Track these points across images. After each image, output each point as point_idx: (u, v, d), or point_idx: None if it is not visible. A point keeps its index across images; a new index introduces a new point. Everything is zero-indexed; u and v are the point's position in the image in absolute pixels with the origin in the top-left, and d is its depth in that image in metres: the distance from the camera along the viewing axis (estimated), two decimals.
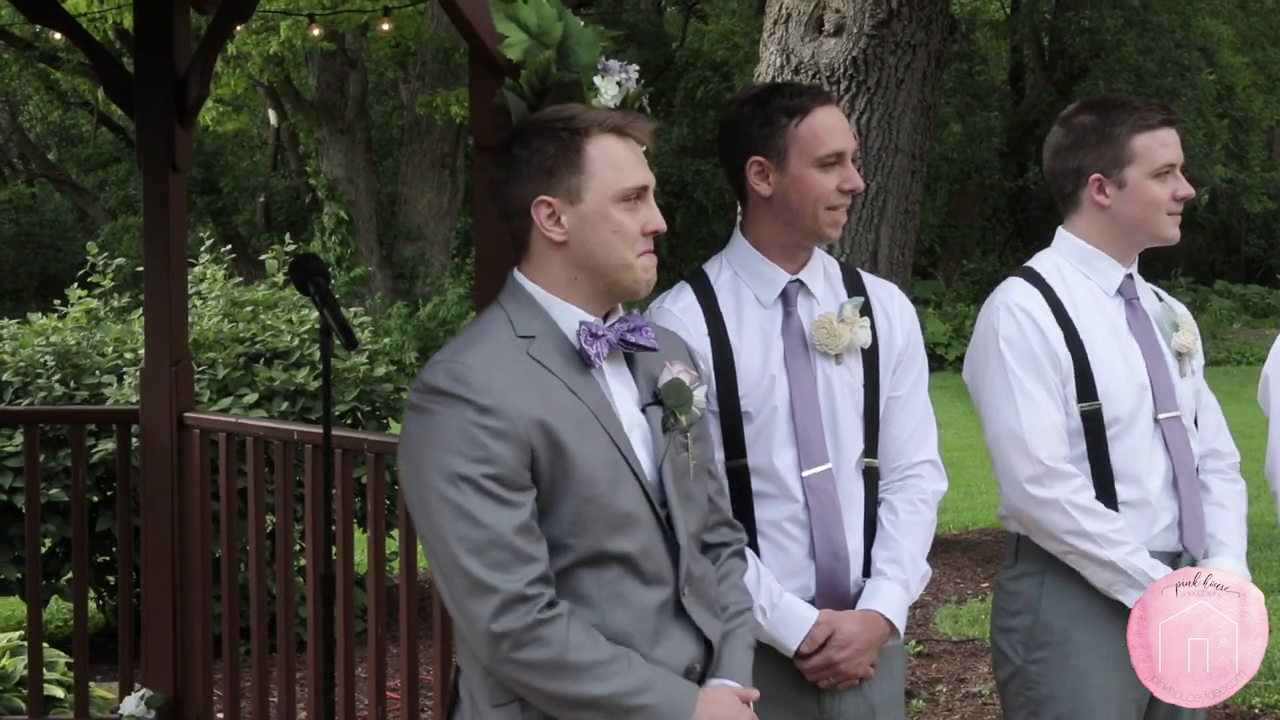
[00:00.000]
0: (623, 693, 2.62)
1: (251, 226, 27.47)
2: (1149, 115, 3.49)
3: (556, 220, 2.72)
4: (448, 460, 2.60)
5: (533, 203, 2.72)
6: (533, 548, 2.61)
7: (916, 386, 3.39)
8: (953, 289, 28.59)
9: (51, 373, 7.43)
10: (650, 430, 2.79)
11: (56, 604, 7.86)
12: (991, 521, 10.93)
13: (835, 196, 3.23)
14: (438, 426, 2.63)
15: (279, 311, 8.04)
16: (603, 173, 2.72)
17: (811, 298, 3.30)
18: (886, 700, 3.35)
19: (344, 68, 24.32)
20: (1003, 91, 31.92)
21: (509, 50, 3.30)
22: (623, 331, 2.76)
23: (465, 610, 2.62)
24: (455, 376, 2.63)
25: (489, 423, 2.60)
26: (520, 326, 2.72)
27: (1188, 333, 3.59)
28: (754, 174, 3.26)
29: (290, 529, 5.06)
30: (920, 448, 3.37)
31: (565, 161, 2.72)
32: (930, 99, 8.27)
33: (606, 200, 2.72)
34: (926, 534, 3.34)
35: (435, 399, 2.64)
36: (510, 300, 2.77)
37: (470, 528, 2.59)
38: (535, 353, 2.70)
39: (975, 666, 7.16)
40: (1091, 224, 3.55)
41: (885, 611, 3.24)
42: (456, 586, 2.62)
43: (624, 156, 2.75)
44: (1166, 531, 3.48)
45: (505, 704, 2.68)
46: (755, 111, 3.26)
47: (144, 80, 5.43)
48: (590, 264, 2.74)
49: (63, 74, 25.03)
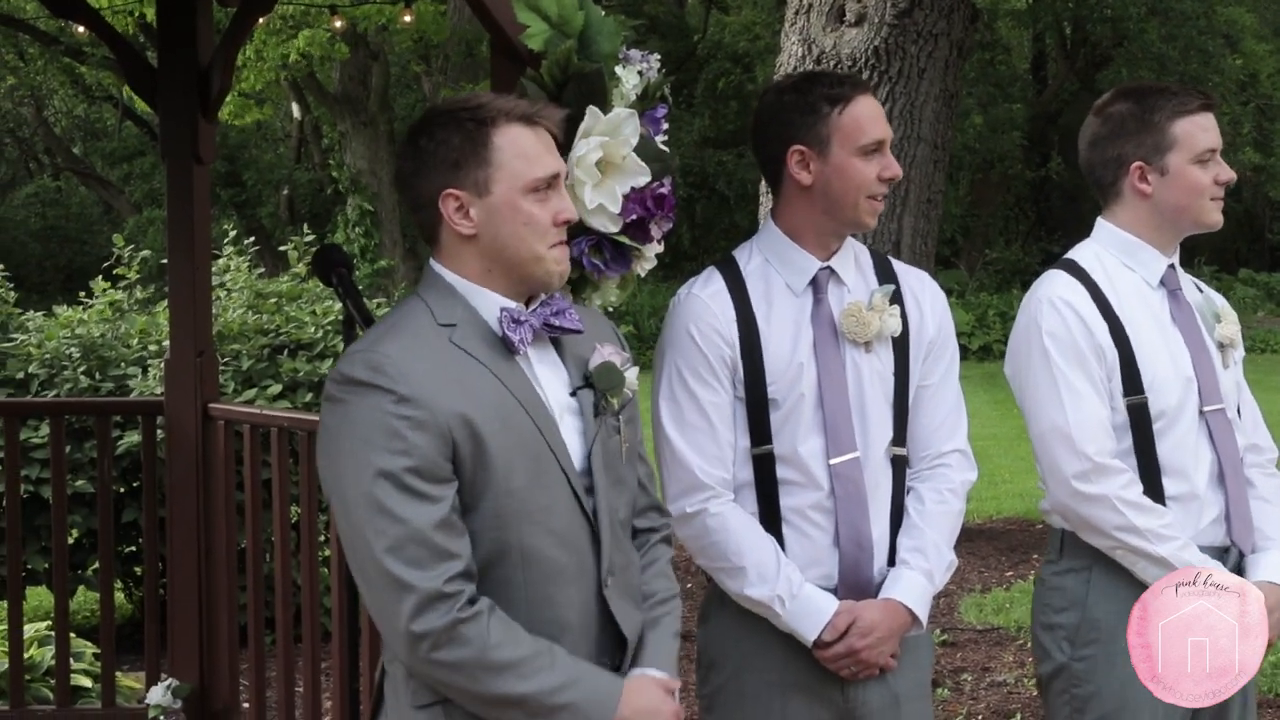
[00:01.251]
0: (545, 690, 2.56)
1: (275, 219, 27.54)
2: (1188, 100, 3.45)
3: (465, 214, 2.65)
4: (365, 453, 2.53)
5: (440, 196, 2.65)
6: (453, 543, 2.55)
7: (947, 375, 3.37)
8: (975, 279, 28.53)
9: (77, 364, 7.46)
10: (581, 414, 2.73)
11: (83, 594, 7.90)
12: (1016, 510, 10.91)
13: (875, 185, 3.23)
14: (354, 418, 2.55)
15: (303, 303, 8.06)
16: (510, 164, 2.64)
17: (842, 285, 3.30)
18: (912, 690, 3.33)
19: (366, 60, 24.36)
20: (1025, 81, 31.80)
21: (530, 40, 3.30)
22: (546, 315, 2.69)
23: (383, 610, 2.56)
24: (372, 366, 2.56)
25: (407, 413, 2.53)
26: (441, 315, 2.65)
27: (1230, 324, 3.55)
28: (794, 163, 3.25)
29: (315, 519, 5.08)
30: (950, 437, 3.35)
31: (471, 153, 2.64)
32: (952, 88, 8.25)
33: (515, 192, 2.64)
34: (953, 524, 3.32)
35: (352, 389, 2.57)
36: (429, 290, 2.70)
37: (388, 524, 2.52)
38: (458, 340, 2.63)
39: (1000, 655, 7.15)
40: (1133, 213, 3.50)
41: (906, 601, 3.23)
42: (374, 585, 2.55)
43: (532, 145, 2.66)
44: (1214, 525, 3.45)
45: (428, 705, 2.63)
46: (796, 100, 3.25)
47: (167, 73, 5.45)
48: (502, 257, 2.67)
49: (87, 68, 25.11)
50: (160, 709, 5.36)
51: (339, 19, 16.64)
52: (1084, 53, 29.54)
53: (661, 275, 23.68)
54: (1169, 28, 27.31)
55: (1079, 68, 29.59)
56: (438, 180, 2.66)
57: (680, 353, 3.26)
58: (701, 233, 27.67)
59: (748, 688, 3.29)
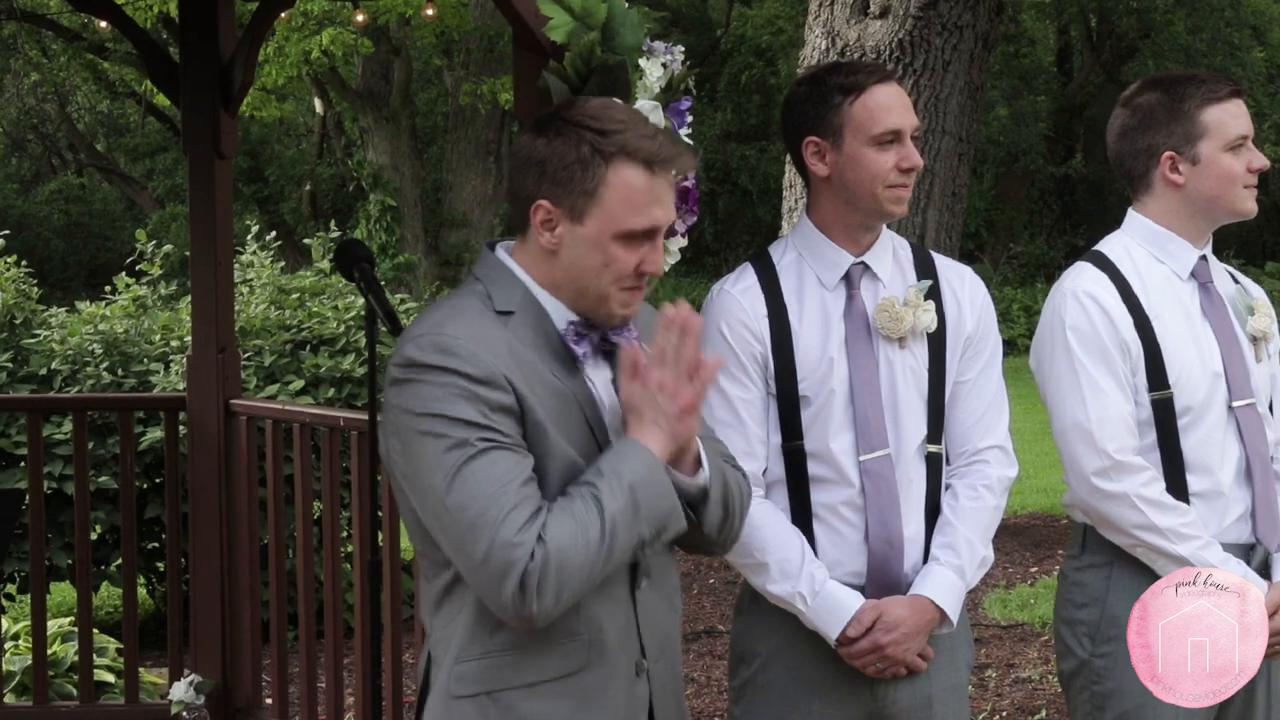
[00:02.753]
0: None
1: (298, 215, 27.58)
2: (1217, 88, 3.41)
3: (552, 229, 2.61)
4: (443, 429, 2.50)
5: (534, 203, 2.61)
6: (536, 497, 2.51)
7: (987, 371, 3.33)
8: (999, 272, 28.42)
9: (100, 360, 7.47)
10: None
11: (106, 590, 7.91)
12: (1040, 506, 10.86)
13: (894, 175, 3.18)
14: (428, 394, 2.52)
15: (325, 298, 8.06)
16: (612, 206, 2.57)
17: (876, 280, 3.26)
18: (946, 690, 3.30)
19: (388, 55, 24.37)
20: (1050, 74, 31.67)
21: (553, 32, 3.28)
22: (607, 331, 2.67)
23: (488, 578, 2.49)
24: (442, 349, 2.53)
25: (482, 391, 2.50)
26: (499, 302, 2.63)
27: (1264, 316, 3.49)
28: (810, 154, 3.22)
29: (337, 515, 5.07)
30: (989, 433, 3.31)
31: (580, 178, 2.57)
32: (977, 81, 8.20)
33: (606, 233, 2.58)
34: (988, 520, 3.28)
35: (422, 372, 2.53)
36: (487, 274, 2.67)
37: (478, 485, 2.48)
38: (514, 329, 2.61)
39: (1024, 651, 7.11)
40: (1164, 204, 3.46)
41: (934, 597, 3.20)
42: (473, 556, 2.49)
43: (643, 193, 2.58)
44: (1239, 523, 3.40)
45: (472, 695, 2.62)
46: (811, 91, 3.23)
47: (189, 67, 5.44)
48: (572, 284, 2.63)
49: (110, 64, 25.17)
50: (183, 705, 5.36)
51: (361, 13, 16.63)
52: (1110, 45, 29.39)
53: (684, 270, 23.65)
54: (1195, 19, 27.18)
55: (1105, 60, 29.45)
56: (536, 185, 2.61)
57: (711, 350, 3.23)
58: (724, 227, 27.60)
59: (776, 682, 3.27)
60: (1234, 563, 3.34)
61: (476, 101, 22.36)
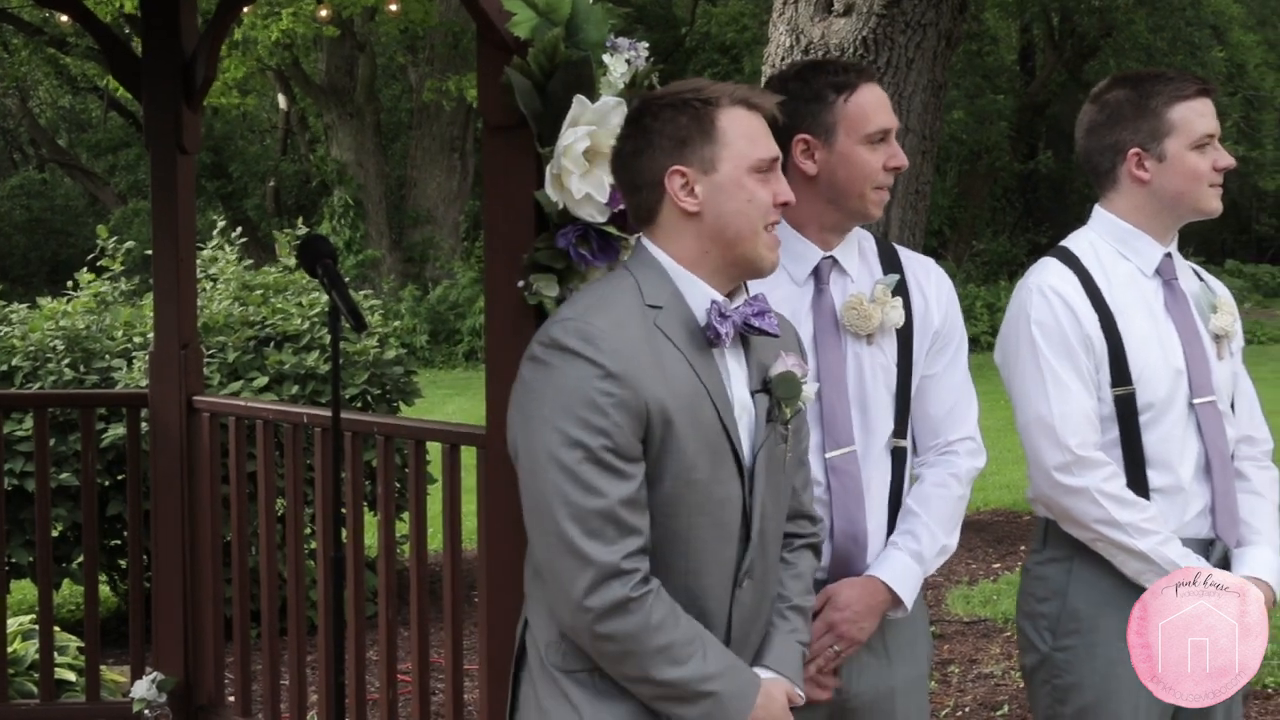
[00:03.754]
0: (694, 678, 2.62)
1: (261, 211, 27.49)
2: (1185, 86, 3.42)
3: (690, 190, 2.70)
4: (565, 422, 2.57)
5: (666, 173, 2.69)
6: (636, 519, 2.60)
7: (953, 363, 3.33)
8: (963, 270, 28.54)
9: (61, 357, 7.43)
10: (755, 417, 2.76)
11: (68, 588, 7.87)
12: (1003, 502, 10.91)
13: (882, 175, 3.19)
14: (559, 384, 2.59)
15: (289, 295, 8.04)
16: (736, 143, 2.69)
17: (845, 275, 3.25)
18: (908, 683, 3.29)
19: (353, 51, 24.30)
20: (1012, 72, 31.81)
21: (517, 28, 3.27)
22: (748, 314, 2.72)
23: (559, 576, 2.60)
24: (584, 337, 2.59)
25: (612, 389, 2.57)
26: (649, 295, 2.69)
27: (1226, 314, 3.51)
28: (799, 152, 3.20)
29: (300, 512, 5.05)
30: (958, 425, 3.32)
31: (699, 132, 2.69)
32: (940, 79, 8.22)
33: (741, 170, 2.69)
34: (952, 509, 3.28)
35: (561, 355, 2.60)
36: (640, 267, 2.73)
37: (578, 494, 2.56)
38: (661, 323, 2.66)
39: (987, 647, 7.15)
40: (1131, 201, 3.47)
41: (886, 578, 3.19)
42: (554, 550, 2.59)
43: (755, 127, 2.72)
44: (1199, 518, 3.42)
45: (577, 671, 2.68)
46: (800, 88, 3.20)
47: (151, 62, 5.41)
48: (724, 235, 2.70)
49: (72, 59, 25.04)
50: (145, 703, 5.33)
51: (324, 8, 16.57)
52: (1071, 44, 29.55)
53: None
54: (1157, 18, 27.36)
55: (1067, 59, 29.61)
56: (664, 159, 2.70)
57: None
58: None
59: None
60: (1193, 558, 3.36)
61: (441, 98, 22.32)
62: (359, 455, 4.74)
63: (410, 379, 8.01)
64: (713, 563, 2.69)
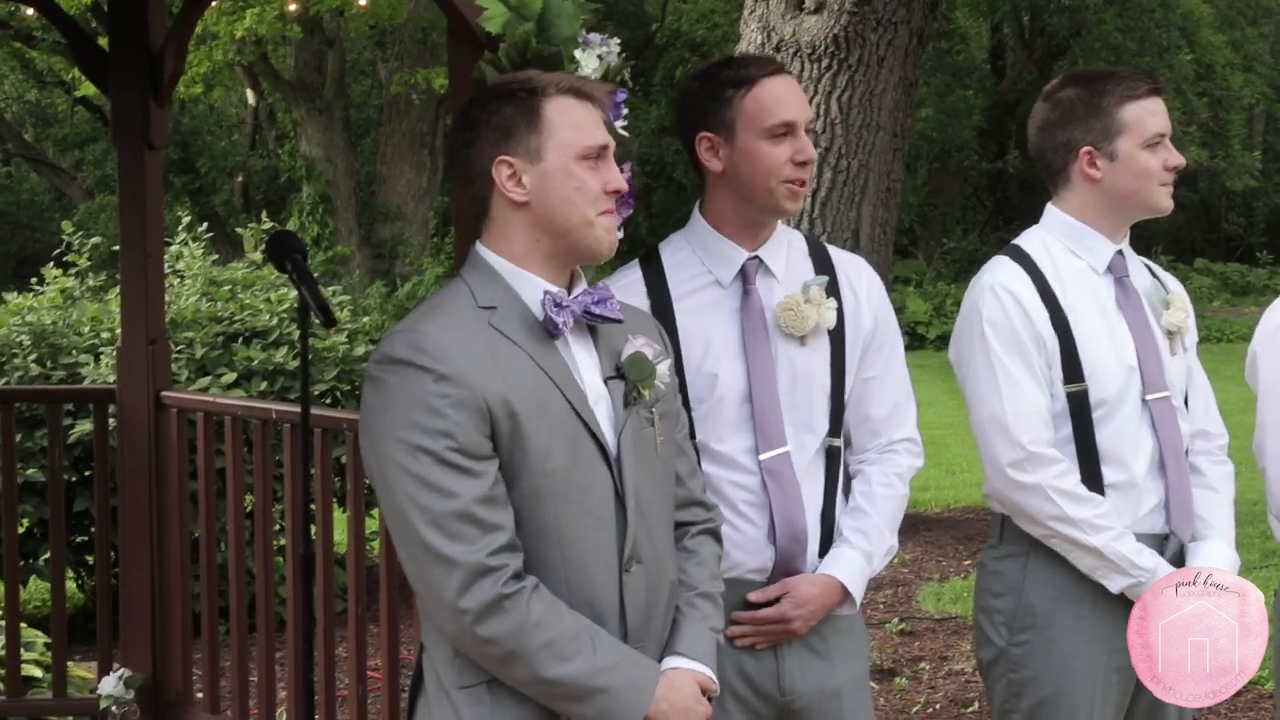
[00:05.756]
0: (583, 673, 2.59)
1: (230, 206, 27.36)
2: (1136, 85, 3.44)
3: (517, 180, 2.69)
4: (406, 431, 2.57)
5: (493, 163, 2.70)
6: (496, 516, 2.58)
7: (890, 364, 3.33)
8: (933, 268, 28.62)
9: (28, 352, 7.38)
10: (612, 403, 2.74)
11: (34, 584, 7.82)
12: (973, 500, 10.94)
13: (789, 169, 3.16)
14: (395, 397, 2.59)
15: (257, 290, 8.00)
16: (562, 131, 2.69)
17: (771, 276, 3.23)
18: (852, 681, 3.28)
19: (322, 46, 24.22)
20: (983, 71, 31.91)
21: (488, 23, 3.26)
22: (587, 303, 2.72)
23: (429, 585, 2.59)
24: (413, 345, 2.60)
25: (448, 391, 2.56)
26: (482, 297, 2.69)
27: (1179, 310, 3.53)
28: (704, 149, 3.20)
29: (269, 508, 5.03)
30: (900, 426, 3.33)
31: (524, 121, 2.69)
32: (911, 77, 8.23)
33: (568, 158, 2.69)
34: (897, 509, 3.30)
35: (392, 368, 2.61)
36: (471, 272, 2.74)
37: (431, 498, 2.55)
38: (497, 323, 2.66)
39: (958, 644, 7.16)
40: (1082, 199, 3.49)
41: (843, 578, 3.19)
42: (419, 560, 2.59)
43: (583, 116, 2.72)
44: (1153, 513, 3.44)
45: (472, 686, 2.65)
46: (703, 86, 3.21)
47: (119, 57, 5.38)
48: (553, 224, 2.70)
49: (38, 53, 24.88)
50: (112, 699, 5.30)
51: (293, 2, 16.51)
52: (1041, 43, 29.65)
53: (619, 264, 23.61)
54: (1126, 19, 27.46)
55: (1037, 58, 29.71)
56: (490, 149, 2.71)
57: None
58: (659, 221, 27.61)
59: None
60: (1147, 553, 3.38)
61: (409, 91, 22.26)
62: (328, 451, 4.73)
63: None
64: (590, 551, 2.67)
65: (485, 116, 2.71)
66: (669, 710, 2.68)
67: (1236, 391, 3.94)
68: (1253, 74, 31.14)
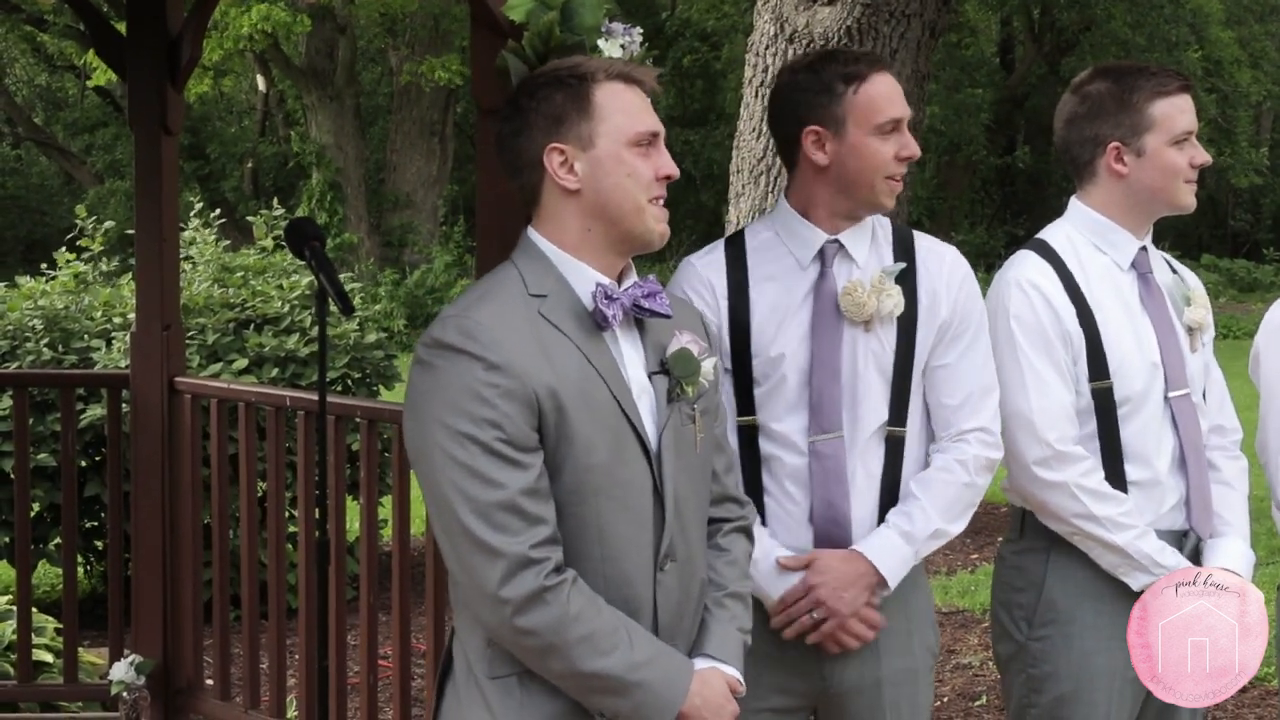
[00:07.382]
0: (620, 667, 2.59)
1: (239, 193, 27.37)
2: (1167, 81, 3.43)
3: (569, 168, 2.67)
4: (454, 419, 2.55)
5: (544, 152, 2.67)
6: (540, 509, 2.57)
7: (968, 354, 3.28)
8: None
9: (40, 337, 7.39)
10: (655, 399, 2.72)
11: (45, 569, 7.84)
12: None
13: (893, 165, 3.19)
14: (444, 383, 2.57)
15: (269, 277, 8.01)
16: (613, 117, 2.67)
17: (850, 260, 3.24)
18: (898, 674, 3.27)
19: (333, 33, 24.21)
20: (992, 65, 31.85)
21: (512, 12, 3.25)
22: (637, 296, 2.69)
23: (471, 574, 2.57)
24: (465, 332, 2.58)
25: (497, 380, 2.55)
26: (533, 284, 2.67)
27: (1199, 307, 3.52)
28: (810, 143, 3.20)
29: (282, 495, 5.03)
30: (972, 415, 3.27)
31: (575, 108, 2.66)
32: (924, 70, 8.20)
33: (619, 144, 2.67)
34: (954, 495, 3.25)
35: (443, 354, 2.59)
36: (523, 258, 2.71)
37: (477, 488, 2.54)
38: (546, 312, 2.64)
39: (966, 638, 7.16)
40: (1108, 194, 3.47)
41: (868, 553, 3.18)
42: (461, 548, 2.57)
43: (633, 102, 2.70)
44: (1174, 511, 3.43)
45: (504, 676, 2.65)
46: (810, 80, 3.20)
47: (136, 42, 5.38)
48: (605, 212, 2.68)
49: (49, 37, 24.88)
50: (123, 685, 5.31)
51: None
52: (1051, 38, 29.59)
53: None
54: (1136, 14, 27.40)
55: (1046, 52, 29.65)
56: (541, 137, 2.68)
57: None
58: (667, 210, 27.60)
59: None
60: (1169, 551, 3.37)
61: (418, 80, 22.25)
62: (342, 439, 4.73)
63: (391, 363, 8.00)
64: (629, 547, 2.66)
65: (535, 104, 2.69)
66: (702, 706, 2.68)
67: (1241, 388, 3.93)
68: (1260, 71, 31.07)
